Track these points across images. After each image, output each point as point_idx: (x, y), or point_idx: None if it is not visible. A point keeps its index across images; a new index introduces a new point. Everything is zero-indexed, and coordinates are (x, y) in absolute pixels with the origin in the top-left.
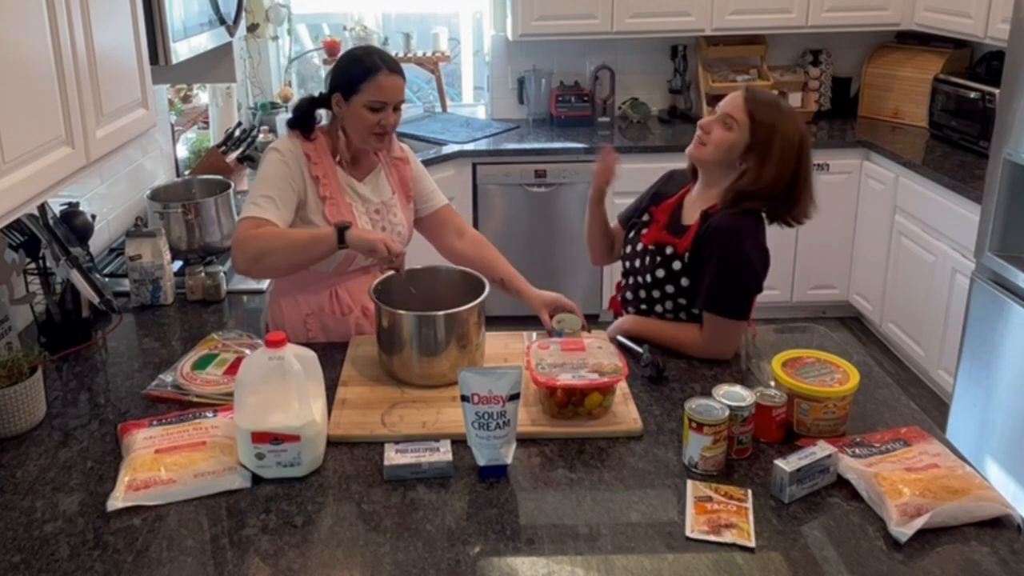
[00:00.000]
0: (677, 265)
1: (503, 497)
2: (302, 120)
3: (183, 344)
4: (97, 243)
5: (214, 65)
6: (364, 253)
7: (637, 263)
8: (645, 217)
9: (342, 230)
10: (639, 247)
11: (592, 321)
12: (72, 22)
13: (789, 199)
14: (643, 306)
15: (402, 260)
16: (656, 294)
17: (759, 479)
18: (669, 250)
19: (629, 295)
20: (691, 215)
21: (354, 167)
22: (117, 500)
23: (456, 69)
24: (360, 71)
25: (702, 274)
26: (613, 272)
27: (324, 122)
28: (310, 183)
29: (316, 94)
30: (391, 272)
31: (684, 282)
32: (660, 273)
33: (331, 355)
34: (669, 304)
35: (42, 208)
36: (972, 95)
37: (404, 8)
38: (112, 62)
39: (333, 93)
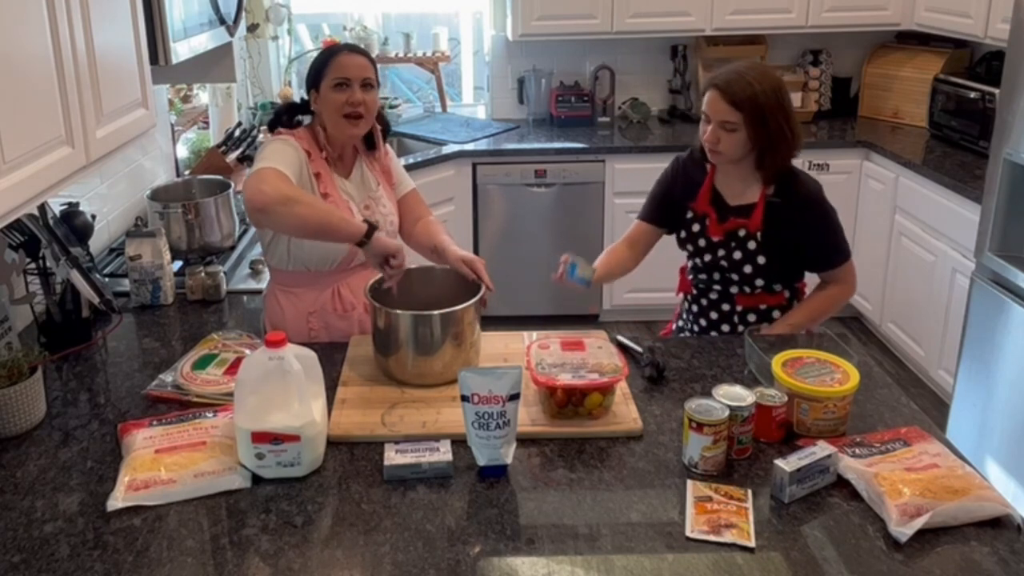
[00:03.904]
0: (752, 245)
1: (503, 497)
2: (279, 120)
3: (183, 344)
4: (97, 243)
5: (214, 65)
6: (378, 257)
7: (719, 252)
8: (690, 215)
9: (372, 229)
10: (714, 240)
11: (592, 321)
12: (72, 22)
13: (791, 135)
14: (717, 287)
15: (399, 273)
16: (735, 276)
17: (759, 479)
18: (742, 232)
19: (703, 276)
20: (737, 193)
21: (338, 163)
22: (117, 500)
23: (456, 69)
24: (322, 58)
25: (790, 245)
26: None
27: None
28: (311, 180)
29: (298, 100)
30: (384, 277)
31: (761, 260)
32: (737, 255)
33: (331, 355)
34: (746, 286)
35: (42, 208)
36: (972, 95)
37: (404, 8)
38: (112, 62)
39: (309, 93)
